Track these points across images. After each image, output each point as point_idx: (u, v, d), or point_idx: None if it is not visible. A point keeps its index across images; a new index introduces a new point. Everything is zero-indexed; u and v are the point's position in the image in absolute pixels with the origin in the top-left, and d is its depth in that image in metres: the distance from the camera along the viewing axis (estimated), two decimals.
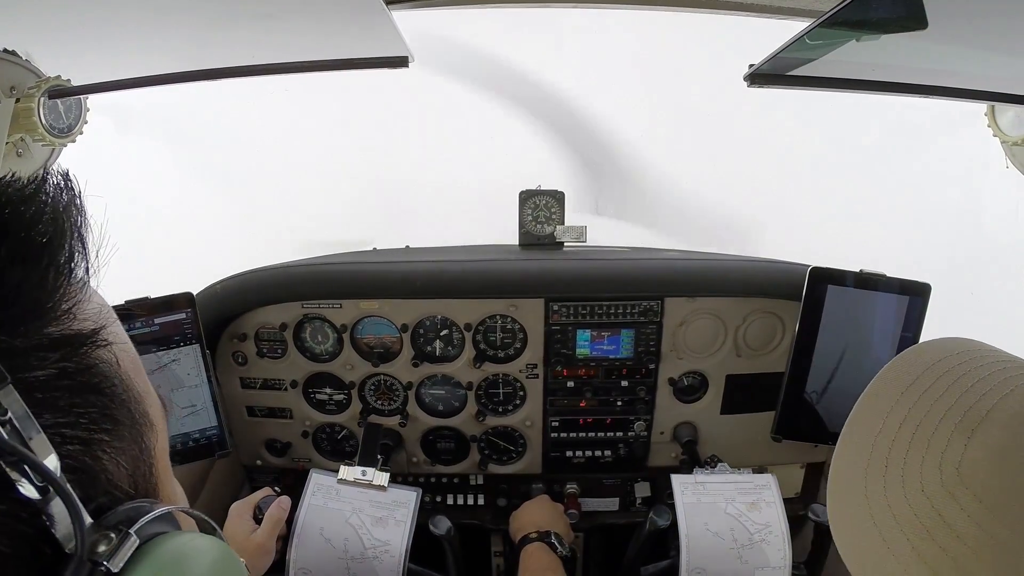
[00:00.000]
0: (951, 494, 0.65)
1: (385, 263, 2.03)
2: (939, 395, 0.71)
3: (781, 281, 1.95)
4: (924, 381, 0.73)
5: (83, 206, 0.55)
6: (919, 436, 0.69)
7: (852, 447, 0.76)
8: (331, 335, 2.06)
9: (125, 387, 0.55)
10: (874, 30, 1.24)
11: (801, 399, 1.89)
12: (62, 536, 0.46)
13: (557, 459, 2.20)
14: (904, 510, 0.67)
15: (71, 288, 0.53)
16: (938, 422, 0.69)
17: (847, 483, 0.75)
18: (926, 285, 1.81)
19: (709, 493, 1.80)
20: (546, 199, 2.15)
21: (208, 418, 1.90)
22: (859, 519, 0.71)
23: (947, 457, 0.66)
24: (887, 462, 0.71)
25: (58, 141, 1.65)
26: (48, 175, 0.54)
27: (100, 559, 0.47)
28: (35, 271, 0.49)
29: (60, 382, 0.49)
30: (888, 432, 0.72)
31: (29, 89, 1.52)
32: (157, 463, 0.60)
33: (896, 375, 0.76)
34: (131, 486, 0.55)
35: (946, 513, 0.64)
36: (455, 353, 2.07)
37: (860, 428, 0.76)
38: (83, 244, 0.54)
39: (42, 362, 0.48)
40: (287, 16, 1.17)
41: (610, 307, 1.99)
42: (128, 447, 0.54)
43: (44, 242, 0.51)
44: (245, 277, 2.02)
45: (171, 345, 1.83)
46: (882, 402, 0.75)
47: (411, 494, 1.86)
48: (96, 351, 0.52)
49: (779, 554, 1.71)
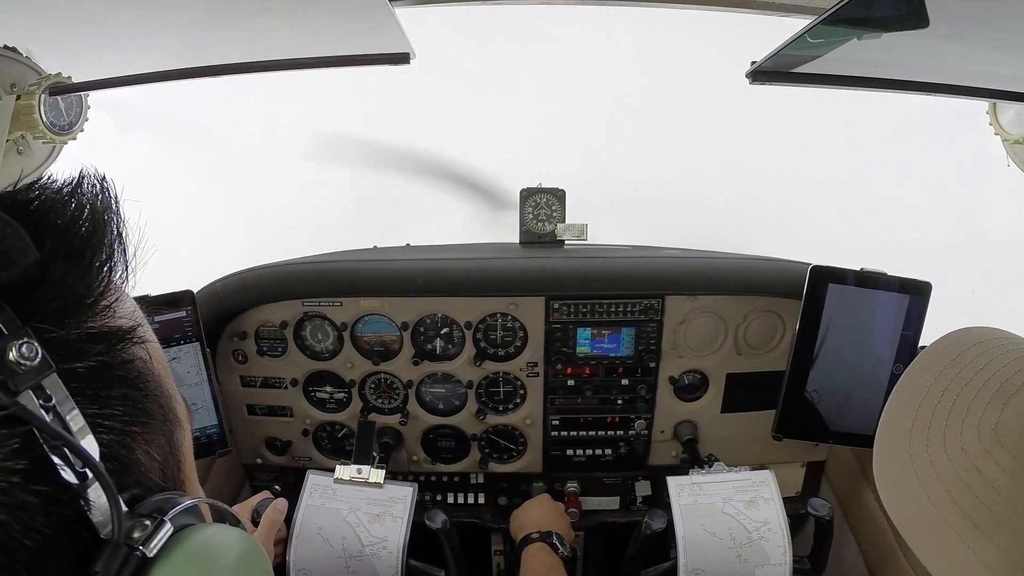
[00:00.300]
0: (987, 451, 0.74)
1: (385, 261, 2.03)
2: (979, 368, 0.80)
3: (781, 279, 1.95)
4: (966, 357, 0.83)
5: (120, 208, 0.58)
6: (960, 402, 0.79)
7: (897, 413, 0.86)
8: (331, 333, 2.06)
9: (157, 384, 0.58)
10: (876, 27, 1.24)
11: (801, 398, 1.89)
12: (99, 521, 0.48)
13: (557, 458, 2.20)
14: (945, 465, 0.77)
15: (111, 286, 0.55)
16: (978, 391, 0.78)
17: (893, 443, 0.84)
18: (927, 283, 1.81)
19: (705, 493, 1.80)
20: (547, 197, 2.14)
21: (208, 416, 1.90)
22: (903, 474, 0.81)
23: (985, 420, 0.76)
24: (930, 425, 0.80)
25: (59, 138, 1.66)
26: (83, 178, 0.56)
27: (135, 544, 0.49)
28: (78, 267, 0.52)
29: (99, 374, 0.51)
30: (931, 399, 0.82)
31: (30, 86, 1.53)
32: (184, 460, 0.62)
33: (941, 351, 0.86)
34: (161, 479, 0.57)
35: (983, 467, 0.73)
36: (455, 351, 2.07)
37: (905, 396, 0.86)
38: (122, 244, 0.57)
39: (84, 354, 0.50)
40: (289, 12, 1.17)
41: (611, 305, 1.98)
42: (159, 441, 0.57)
43: (85, 240, 0.53)
44: (245, 275, 2.01)
45: (171, 343, 1.83)
46: (927, 374, 0.85)
47: (407, 489, 1.86)
48: (132, 348, 0.55)
49: (779, 551, 1.71)
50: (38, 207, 0.52)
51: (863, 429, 1.87)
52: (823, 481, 2.26)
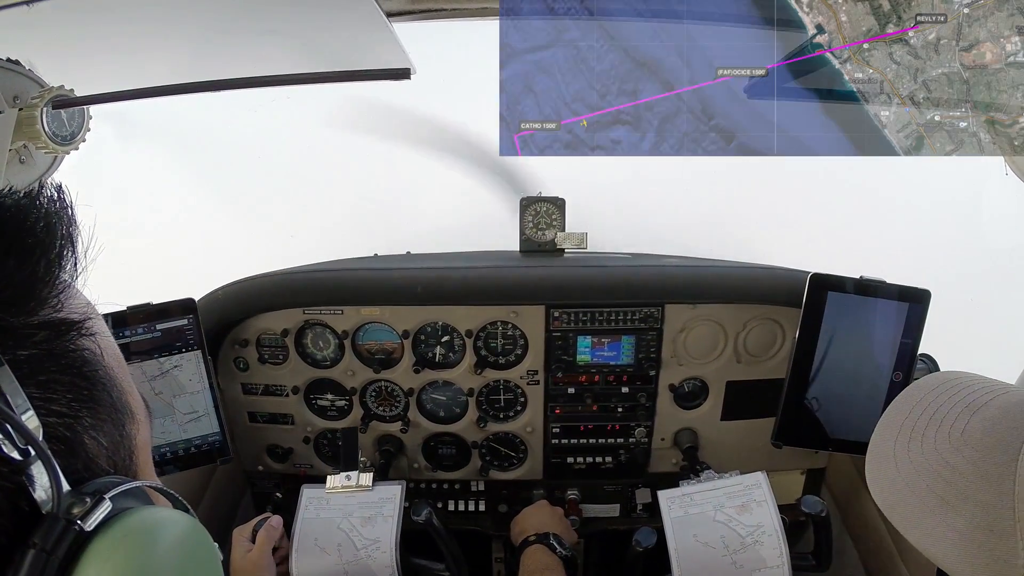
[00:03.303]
0: (956, 449, 0.95)
1: (386, 270, 2.04)
2: (953, 394, 1.03)
3: (781, 288, 1.95)
4: (942, 388, 1.05)
5: (73, 214, 0.62)
6: (935, 417, 1.01)
7: (885, 431, 1.07)
8: (332, 341, 2.07)
9: (107, 375, 0.61)
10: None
11: (801, 405, 1.89)
12: (40, 498, 0.51)
13: (558, 465, 2.21)
14: (921, 462, 0.98)
15: (60, 282, 0.59)
16: (950, 408, 1.01)
17: (881, 453, 1.06)
18: (926, 291, 1.81)
19: (696, 504, 1.79)
20: (547, 205, 2.15)
21: (210, 424, 1.90)
22: (889, 473, 1.02)
23: (955, 427, 0.98)
24: (911, 435, 1.02)
25: (61, 149, 1.66)
26: (43, 188, 0.61)
27: (74, 519, 0.52)
28: (28, 263, 0.56)
29: (46, 359, 0.55)
30: (912, 418, 1.04)
31: (32, 99, 1.53)
32: (138, 453, 0.65)
33: (920, 386, 1.09)
34: (110, 465, 0.60)
35: (952, 461, 0.95)
36: (456, 359, 2.08)
37: (892, 418, 1.08)
38: (72, 245, 0.61)
39: (30, 339, 0.55)
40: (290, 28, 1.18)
41: (611, 314, 1.99)
42: (108, 429, 0.60)
43: (37, 240, 0.58)
44: (247, 283, 2.02)
45: (173, 351, 1.84)
46: (911, 401, 1.07)
47: (395, 488, 1.87)
48: (81, 339, 0.59)
49: (775, 552, 1.69)
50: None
51: (862, 437, 1.86)
52: (823, 488, 2.26)
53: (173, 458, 1.88)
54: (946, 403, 1.02)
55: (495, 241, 2.27)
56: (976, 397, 1.00)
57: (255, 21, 1.19)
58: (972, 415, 0.97)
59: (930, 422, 1.02)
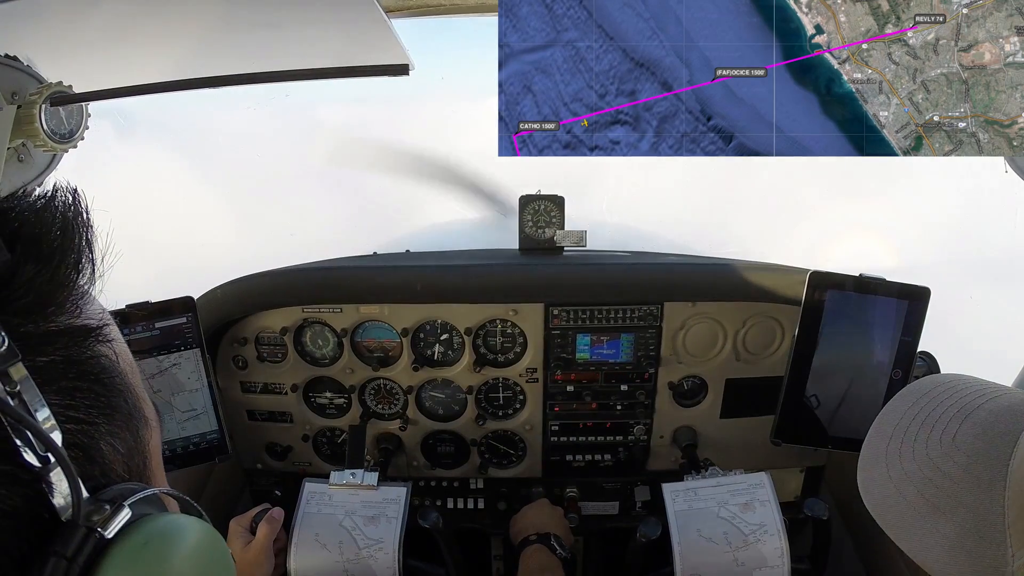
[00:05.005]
0: (947, 454, 0.95)
1: (385, 267, 2.04)
2: (944, 399, 1.02)
3: (780, 285, 1.95)
4: (934, 392, 1.05)
5: (90, 219, 0.62)
6: (927, 422, 1.01)
7: (877, 436, 1.07)
8: (331, 339, 2.07)
9: (123, 382, 0.61)
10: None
11: (800, 403, 1.90)
12: (60, 505, 0.51)
13: (557, 463, 2.21)
14: (912, 468, 0.98)
15: (78, 288, 0.59)
16: (941, 413, 1.00)
17: (873, 459, 1.06)
18: (925, 289, 1.81)
19: (701, 498, 1.80)
20: (546, 203, 2.15)
21: (208, 422, 1.90)
22: (880, 479, 1.02)
23: (946, 432, 0.98)
24: (902, 441, 1.02)
25: (59, 147, 1.66)
26: (57, 191, 0.60)
27: (94, 526, 0.51)
28: (46, 269, 0.56)
29: (64, 366, 0.55)
30: (904, 423, 1.04)
31: (31, 95, 1.53)
32: (151, 458, 0.65)
33: (913, 390, 1.09)
34: (126, 471, 0.60)
35: (943, 466, 0.95)
36: (455, 357, 2.08)
37: (884, 422, 1.08)
38: (90, 251, 0.61)
39: (50, 347, 0.54)
40: (289, 25, 1.17)
41: (610, 312, 1.99)
42: (124, 435, 0.60)
43: (55, 246, 0.57)
44: (245, 281, 2.02)
45: (171, 349, 1.84)
46: (903, 405, 1.07)
47: (401, 490, 1.88)
48: (98, 345, 0.59)
49: (776, 552, 1.71)
50: (15, 216, 0.57)
51: (862, 435, 1.85)
52: (822, 486, 2.26)
53: (171, 456, 1.88)
54: (938, 408, 1.02)
55: (494, 239, 2.27)
56: (968, 401, 1.00)
57: (254, 17, 1.19)
58: (963, 420, 0.97)
59: (921, 427, 1.01)
